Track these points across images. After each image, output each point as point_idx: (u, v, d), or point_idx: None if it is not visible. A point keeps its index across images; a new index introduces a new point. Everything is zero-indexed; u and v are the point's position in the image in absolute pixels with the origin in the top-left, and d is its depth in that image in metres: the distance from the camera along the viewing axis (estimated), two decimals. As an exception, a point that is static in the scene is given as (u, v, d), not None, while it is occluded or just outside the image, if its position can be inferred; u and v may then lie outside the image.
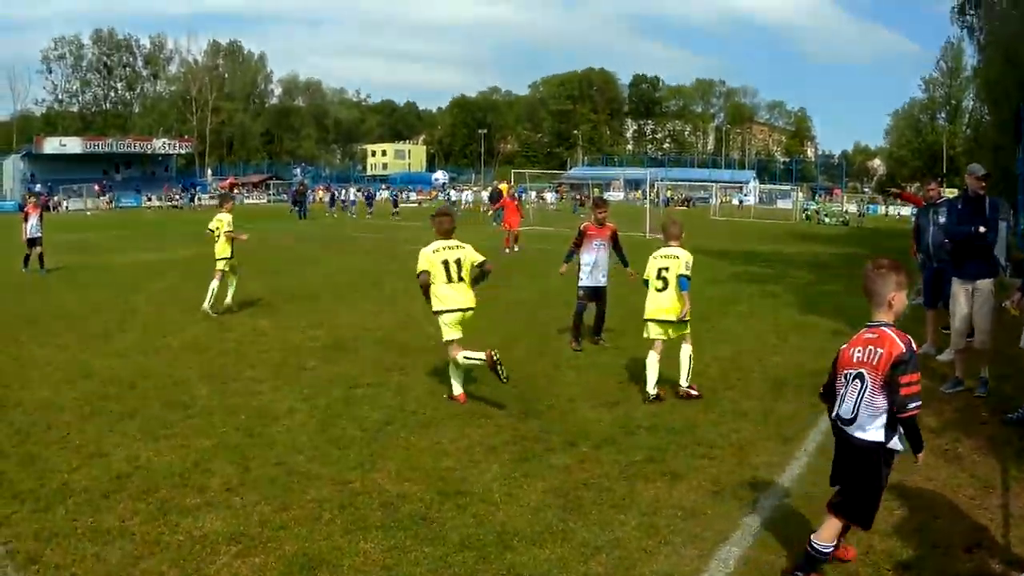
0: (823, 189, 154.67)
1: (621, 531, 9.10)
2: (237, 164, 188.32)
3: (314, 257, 34.88)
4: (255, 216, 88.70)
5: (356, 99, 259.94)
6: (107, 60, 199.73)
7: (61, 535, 9.08)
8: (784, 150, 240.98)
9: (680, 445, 11.87)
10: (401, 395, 14.85)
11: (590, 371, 16.51)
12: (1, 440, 12.41)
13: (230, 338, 20.03)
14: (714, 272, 31.35)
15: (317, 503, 9.95)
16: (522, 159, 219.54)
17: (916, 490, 10.27)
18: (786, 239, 56.61)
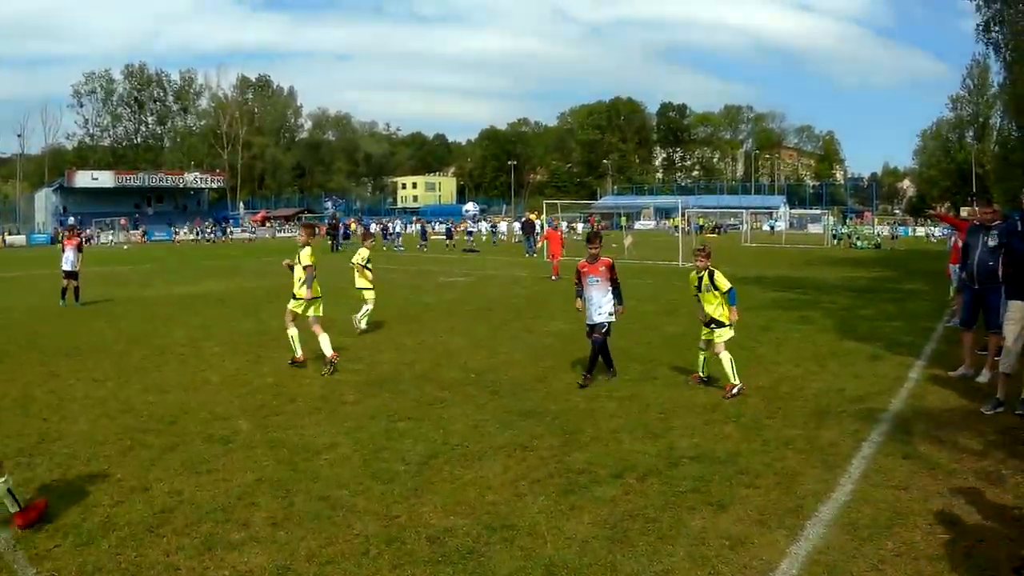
0: (853, 212, 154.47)
1: (669, 562, 9.03)
2: (269, 198, 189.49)
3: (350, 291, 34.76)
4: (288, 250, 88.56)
5: (386, 132, 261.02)
6: (138, 95, 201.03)
7: (104, 570, 9.06)
8: (813, 174, 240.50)
9: (724, 475, 11.79)
10: (443, 429, 14.76)
11: (631, 402, 16.38)
12: (42, 473, 12.44)
13: (269, 372, 20.03)
14: (749, 299, 31.16)
15: (363, 538, 9.90)
16: (552, 189, 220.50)
17: (961, 513, 10.18)
18: (819, 264, 56.45)
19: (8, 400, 17.24)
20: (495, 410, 16.01)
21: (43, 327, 28.05)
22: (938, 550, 9.11)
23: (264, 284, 37.40)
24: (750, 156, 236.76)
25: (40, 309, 33.48)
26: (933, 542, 9.29)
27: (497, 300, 35.14)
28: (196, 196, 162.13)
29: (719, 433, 14.04)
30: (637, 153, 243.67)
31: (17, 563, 9.32)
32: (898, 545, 9.24)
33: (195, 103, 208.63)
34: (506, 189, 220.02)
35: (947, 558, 8.91)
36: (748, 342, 22.62)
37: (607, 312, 18.34)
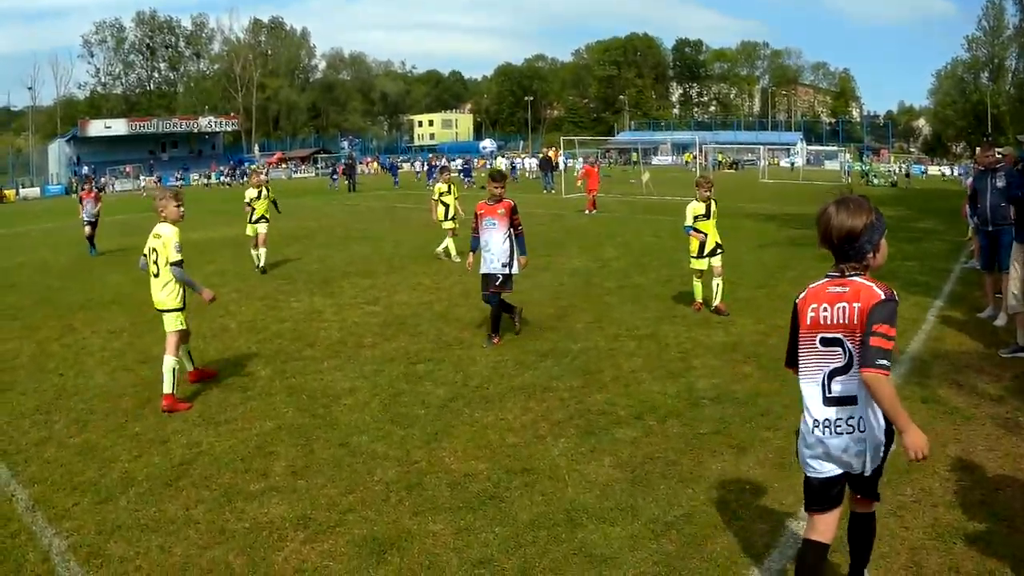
0: (870, 150, 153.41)
1: (690, 506, 9.02)
2: (284, 139, 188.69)
3: (367, 232, 34.70)
4: (304, 191, 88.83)
5: (401, 71, 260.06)
6: (149, 41, 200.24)
7: (124, 527, 9.06)
8: (829, 111, 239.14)
9: (745, 417, 11.76)
10: (463, 371, 14.76)
11: (651, 342, 16.34)
12: (59, 430, 12.46)
13: (286, 317, 20.03)
14: (767, 237, 31.06)
15: (384, 484, 9.92)
16: (569, 125, 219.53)
17: (979, 460, 10.14)
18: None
19: (24, 357, 17.27)
20: (514, 350, 16.05)
21: (57, 281, 28.03)
22: (955, 497, 9.09)
23: (279, 227, 37.23)
24: (766, 93, 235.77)
25: (54, 263, 33.45)
26: (950, 489, 9.27)
27: (515, 238, 34.72)
28: (211, 140, 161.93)
29: (739, 373, 14.01)
30: (654, 89, 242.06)
31: (36, 524, 9.30)
32: (916, 492, 9.22)
33: (207, 48, 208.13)
34: (523, 125, 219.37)
35: (964, 506, 8.89)
36: (768, 280, 22.67)
37: (501, 263, 16.84)
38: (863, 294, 6.17)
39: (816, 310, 6.46)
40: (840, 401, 6.34)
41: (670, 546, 8.14)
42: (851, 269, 6.37)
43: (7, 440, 12.11)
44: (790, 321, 6.78)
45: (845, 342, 6.29)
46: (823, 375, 6.42)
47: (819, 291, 6.51)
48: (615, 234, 34.93)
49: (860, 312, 6.13)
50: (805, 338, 6.56)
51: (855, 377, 6.22)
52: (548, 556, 8.03)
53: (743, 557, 7.93)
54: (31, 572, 8.21)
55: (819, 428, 6.39)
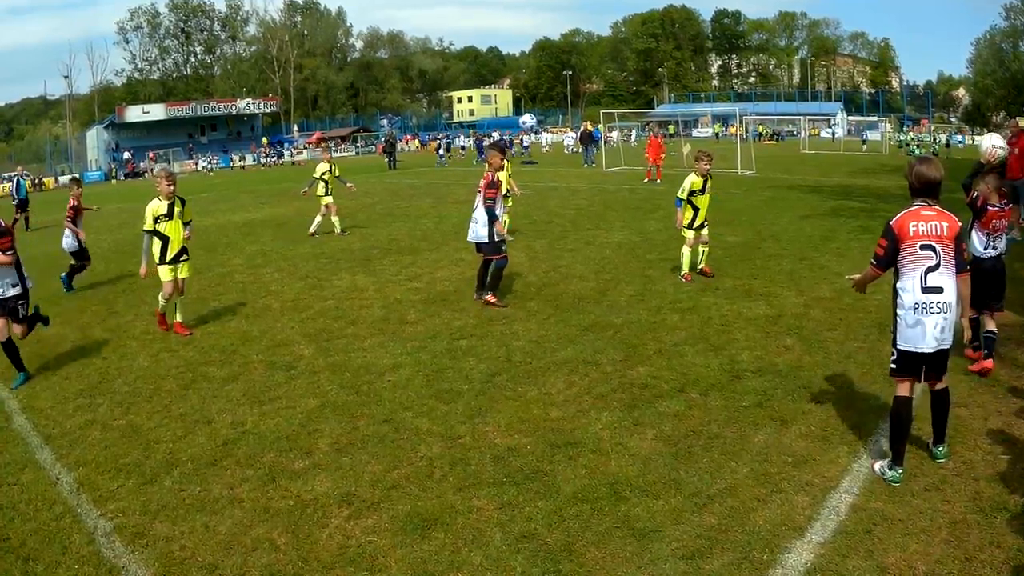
0: (910, 120, 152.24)
1: (732, 479, 9.05)
2: (323, 119, 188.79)
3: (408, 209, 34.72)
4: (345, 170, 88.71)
5: (439, 47, 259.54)
6: (184, 26, 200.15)
7: (169, 507, 9.16)
8: (869, 81, 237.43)
9: (787, 389, 11.75)
10: (506, 345, 14.81)
11: (693, 314, 16.32)
12: (103, 412, 12.59)
13: (329, 296, 20.07)
14: (809, 208, 30.90)
15: (428, 460, 9.98)
16: (609, 99, 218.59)
17: (1020, 435, 10.07)
18: (877, 172, 55.25)
19: (67, 341, 17.39)
20: (557, 325, 16.08)
21: (99, 265, 28.05)
22: (997, 471, 9.06)
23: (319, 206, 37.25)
24: (805, 63, 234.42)
25: (95, 247, 33.44)
26: (992, 463, 9.25)
27: (556, 212, 35.11)
28: (250, 122, 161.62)
29: (780, 346, 13.99)
30: (692, 61, 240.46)
31: (81, 506, 9.39)
32: (957, 465, 9.21)
33: (243, 30, 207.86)
34: (562, 100, 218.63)
35: (1005, 480, 8.86)
36: (810, 252, 22.54)
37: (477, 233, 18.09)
38: (947, 216, 9.08)
39: (916, 226, 8.98)
40: (934, 290, 8.88)
41: (712, 519, 8.18)
42: (934, 201, 9.19)
43: (52, 424, 12.25)
44: (886, 239, 9.09)
45: (937, 248, 8.90)
46: (921, 271, 8.92)
47: (915, 214, 9.09)
48: (657, 207, 34.80)
49: (949, 229, 8.96)
50: (908, 247, 8.98)
51: (945, 274, 8.90)
52: (591, 530, 8.07)
53: (785, 530, 7.96)
54: (76, 554, 8.30)
55: (920, 311, 8.87)
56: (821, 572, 7.25)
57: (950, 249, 8.92)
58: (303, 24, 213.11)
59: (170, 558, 8.06)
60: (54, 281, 23.41)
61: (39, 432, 11.98)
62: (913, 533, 7.70)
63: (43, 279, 23.22)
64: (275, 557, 7.95)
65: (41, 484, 10.13)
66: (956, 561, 7.30)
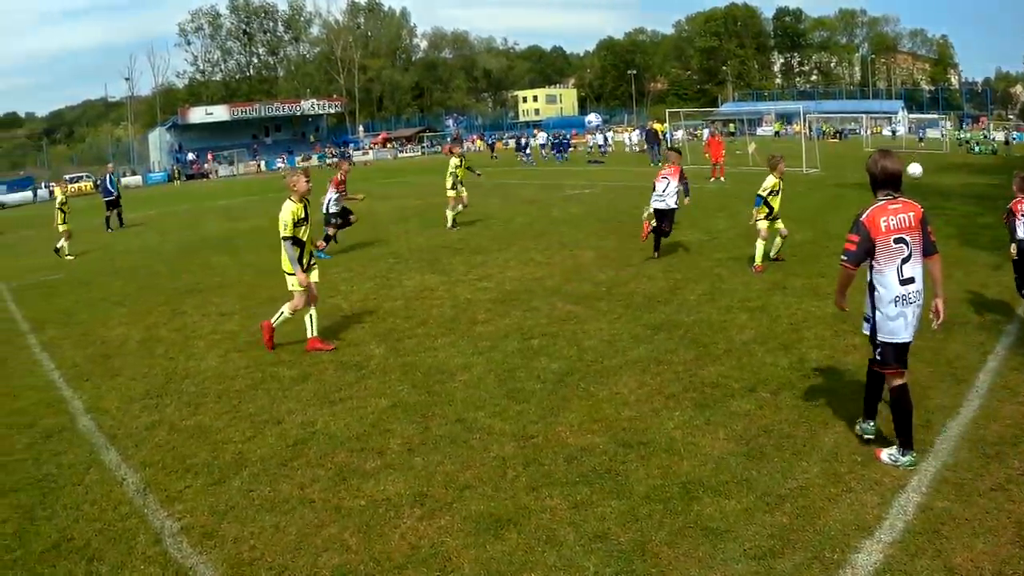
0: (969, 118, 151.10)
1: (803, 479, 9.03)
2: (388, 119, 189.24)
3: (476, 208, 34.73)
4: (410, 170, 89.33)
5: (503, 47, 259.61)
6: (246, 27, 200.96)
7: (238, 507, 9.22)
8: (928, 79, 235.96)
9: (856, 388, 11.45)
10: (577, 345, 14.79)
11: (762, 313, 16.27)
12: (170, 413, 12.71)
13: (399, 296, 20.15)
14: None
15: (500, 460, 9.99)
16: (673, 98, 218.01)
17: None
18: (938, 170, 54.82)
19: (133, 343, 17.59)
20: (628, 324, 16.04)
21: (164, 266, 28.51)
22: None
23: (387, 206, 37.44)
24: (866, 60, 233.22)
25: (160, 249, 33.89)
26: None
27: (624, 211, 34.79)
28: (314, 123, 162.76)
29: (848, 344, 13.87)
30: (755, 59, 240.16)
31: (148, 507, 9.48)
32: (1023, 464, 9.08)
33: (306, 31, 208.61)
34: (627, 99, 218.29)
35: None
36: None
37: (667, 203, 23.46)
38: (912, 206, 9.62)
39: (887, 220, 9.39)
40: (909, 281, 9.38)
41: (784, 519, 8.17)
42: (898, 193, 9.75)
43: (117, 425, 12.39)
44: (857, 235, 9.42)
45: (907, 239, 9.39)
46: (897, 264, 9.37)
47: (884, 208, 9.51)
48: (724, 206, 34.74)
49: (915, 217, 9.50)
50: (882, 241, 9.36)
51: (916, 264, 9.42)
52: (664, 529, 8.07)
53: (855, 529, 7.94)
54: (142, 554, 8.37)
55: (901, 303, 9.36)
56: (890, 572, 7.26)
57: (918, 237, 9.50)
58: (366, 25, 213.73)
59: (238, 559, 8.13)
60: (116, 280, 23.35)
61: (104, 433, 12.11)
62: (980, 533, 7.68)
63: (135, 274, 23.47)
64: (346, 558, 7.98)
65: (106, 485, 10.22)
66: (1023, 561, 7.25)
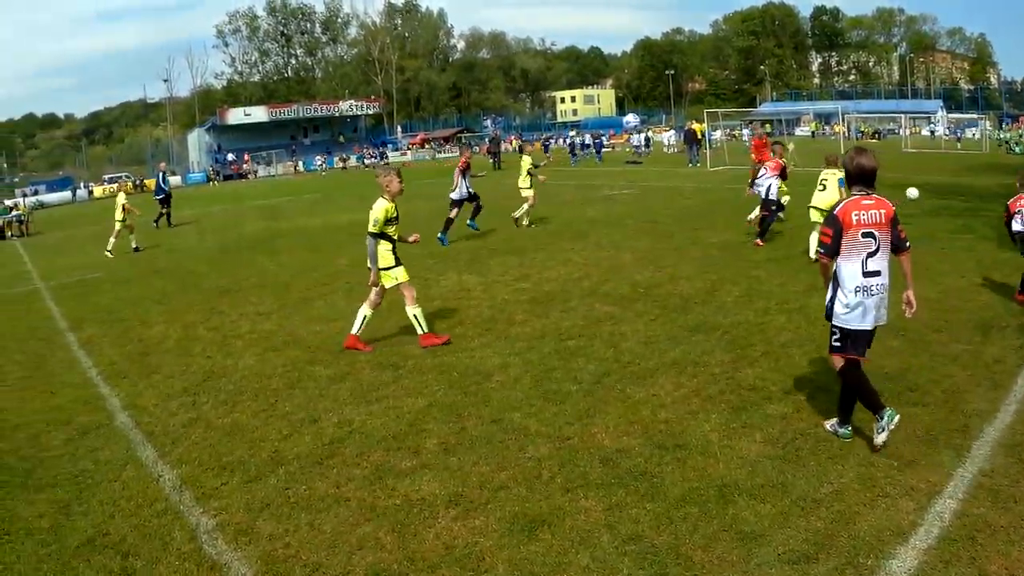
0: (1010, 117, 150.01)
1: (839, 483, 8.96)
2: (426, 120, 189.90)
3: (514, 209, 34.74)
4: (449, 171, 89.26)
5: (541, 47, 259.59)
6: (283, 29, 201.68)
7: (273, 505, 9.27)
8: (968, 78, 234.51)
9: (893, 392, 11.56)
10: (614, 346, 14.78)
11: (800, 315, 16.20)
12: (207, 411, 12.81)
13: (436, 295, 20.22)
14: (912, 207, 30.57)
15: (536, 461, 9.99)
16: (711, 98, 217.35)
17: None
18: (978, 170, 54.36)
19: (171, 341, 17.75)
20: (665, 325, 16.04)
21: (203, 266, 28.82)
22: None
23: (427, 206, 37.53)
24: (904, 60, 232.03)
25: (199, 248, 34.23)
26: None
27: (661, 212, 35.01)
28: (353, 123, 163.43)
29: (887, 347, 13.65)
30: (793, 59, 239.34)
31: (184, 503, 9.54)
32: (1061, 470, 8.99)
33: (344, 32, 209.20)
34: (665, 99, 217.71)
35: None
36: (912, 252, 22.14)
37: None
38: (883, 204, 10.05)
39: (858, 215, 9.89)
40: (873, 273, 9.97)
41: (819, 523, 8.12)
42: (871, 190, 10.16)
43: (154, 422, 12.50)
44: (831, 228, 9.95)
45: (876, 234, 9.92)
46: (862, 257, 9.93)
47: (856, 203, 10.00)
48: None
49: (885, 215, 9.98)
50: (850, 234, 9.89)
51: (883, 258, 10.02)
52: (699, 532, 8.05)
53: (890, 535, 7.88)
54: (177, 551, 8.43)
55: (861, 293, 9.95)
56: (923, 579, 7.18)
57: (887, 234, 10.06)
58: (404, 26, 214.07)
59: (273, 556, 8.17)
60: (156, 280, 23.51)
61: (141, 430, 12.22)
62: (1016, 541, 7.60)
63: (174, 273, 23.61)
64: (380, 556, 8.01)
65: (142, 481, 10.31)
66: (1057, 570, 7.18)
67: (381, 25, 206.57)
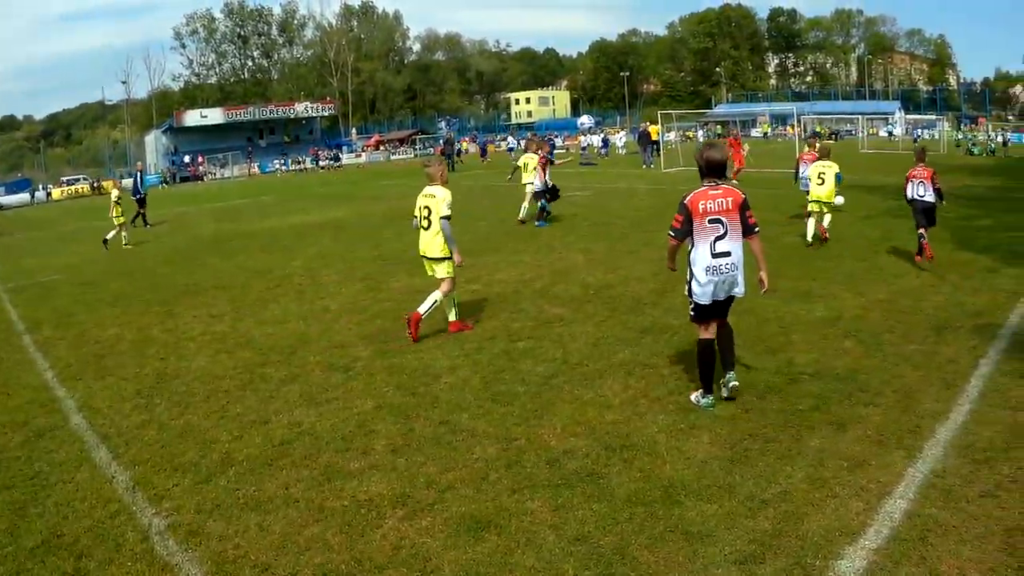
0: (968, 118, 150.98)
1: (787, 484, 8.98)
2: (381, 122, 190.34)
3: (466, 211, 34.77)
4: (403, 172, 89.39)
5: (496, 49, 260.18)
6: (240, 31, 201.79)
7: (223, 506, 9.27)
8: (926, 79, 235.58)
9: (844, 393, 11.66)
10: (563, 348, 14.80)
11: (750, 316, 16.10)
12: (160, 412, 12.77)
13: (387, 298, 20.21)
14: (867, 208, 30.64)
15: (483, 462, 10.00)
16: (666, 99, 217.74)
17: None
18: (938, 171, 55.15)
19: (125, 343, 17.66)
20: (615, 327, 16.05)
21: (161, 267, 28.65)
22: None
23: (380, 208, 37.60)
24: (862, 61, 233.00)
25: (157, 250, 34.10)
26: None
27: (616, 214, 35.06)
28: (308, 125, 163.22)
29: (838, 348, 13.86)
30: (750, 60, 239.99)
31: (136, 504, 9.51)
32: (1014, 470, 9.04)
33: (300, 34, 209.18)
34: (620, 101, 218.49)
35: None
36: (868, 253, 22.54)
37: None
38: (732, 192, 11.22)
39: (705, 204, 11.10)
40: (723, 254, 11.15)
41: (766, 524, 8.15)
42: (721, 180, 11.35)
43: (108, 424, 12.44)
44: (681, 215, 11.29)
45: (724, 220, 11.08)
46: (711, 240, 11.12)
47: (704, 193, 11.18)
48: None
49: (733, 202, 11.12)
50: (699, 221, 11.11)
51: (731, 240, 11.15)
52: (645, 533, 8.07)
53: (839, 535, 7.90)
54: (130, 551, 8.41)
55: (711, 273, 11.13)
56: (873, 578, 7.22)
57: (736, 219, 11.18)
58: (360, 27, 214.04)
59: (223, 557, 8.16)
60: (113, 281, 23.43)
61: (95, 431, 12.16)
62: (967, 540, 7.64)
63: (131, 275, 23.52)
64: (328, 557, 8.00)
65: (96, 482, 10.27)
66: (1010, 569, 7.23)
67: (337, 27, 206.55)
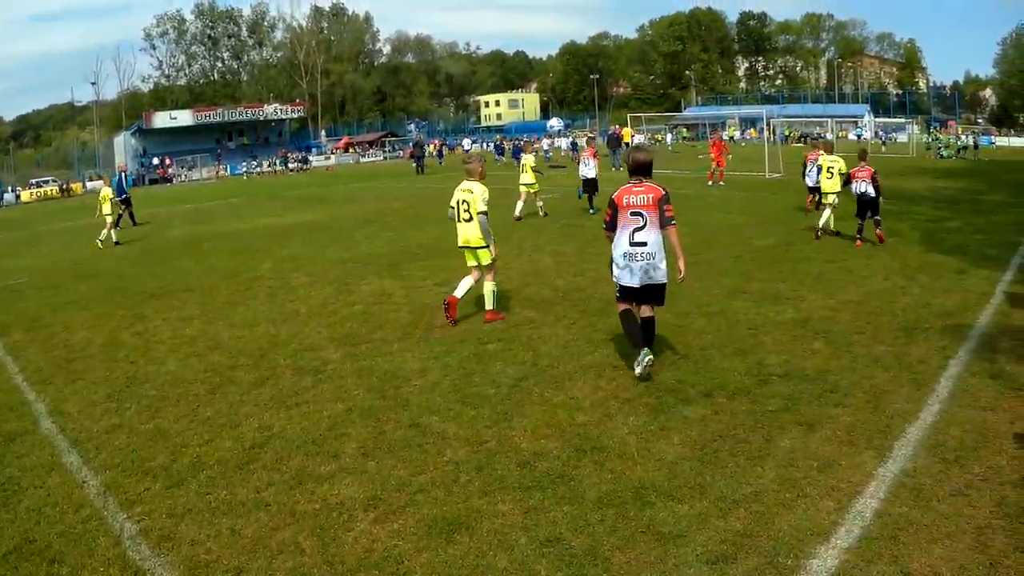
0: (938, 122, 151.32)
1: (758, 484, 9.00)
2: (351, 124, 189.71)
3: (437, 214, 34.77)
4: (373, 175, 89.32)
5: (466, 51, 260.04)
6: (211, 32, 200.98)
7: (195, 510, 9.22)
8: (896, 82, 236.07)
9: (814, 393, 11.71)
10: (533, 350, 14.82)
11: (720, 318, 16.31)
12: (130, 416, 12.69)
13: (356, 300, 20.15)
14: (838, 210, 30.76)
15: (454, 464, 9.99)
16: (636, 102, 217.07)
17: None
18: (905, 174, 55.13)
19: (95, 346, 17.54)
20: (584, 329, 16.08)
21: (130, 269, 28.51)
22: (1022, 476, 8.95)
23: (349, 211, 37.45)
24: (832, 65, 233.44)
25: (127, 253, 33.99)
26: (1019, 467, 9.14)
27: (584, 216, 35.18)
28: (277, 127, 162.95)
29: (808, 349, 13.92)
30: (719, 63, 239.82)
31: (107, 509, 9.45)
32: (984, 469, 9.11)
33: (270, 36, 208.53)
34: (590, 103, 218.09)
35: (1031, 487, 8.78)
36: (838, 255, 22.57)
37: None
38: (653, 189, 12.63)
39: (628, 198, 12.67)
40: (640, 244, 12.58)
41: (737, 524, 8.16)
42: (646, 178, 12.82)
43: (79, 428, 12.35)
44: (610, 209, 12.89)
45: (644, 213, 12.53)
46: (630, 231, 12.61)
47: (628, 189, 12.73)
48: (683, 211, 34.44)
49: (653, 198, 12.53)
50: (622, 214, 12.67)
51: (650, 232, 12.55)
52: (616, 534, 8.07)
53: (810, 535, 7.93)
54: (102, 556, 8.36)
55: (627, 258, 12.63)
56: (845, 577, 7.24)
57: (654, 213, 12.57)
58: (330, 29, 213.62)
59: (195, 561, 8.12)
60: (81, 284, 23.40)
61: (66, 436, 12.07)
62: (938, 539, 7.67)
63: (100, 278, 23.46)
64: (300, 561, 7.98)
65: (68, 487, 10.21)
66: (981, 567, 7.26)
67: (307, 28, 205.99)
